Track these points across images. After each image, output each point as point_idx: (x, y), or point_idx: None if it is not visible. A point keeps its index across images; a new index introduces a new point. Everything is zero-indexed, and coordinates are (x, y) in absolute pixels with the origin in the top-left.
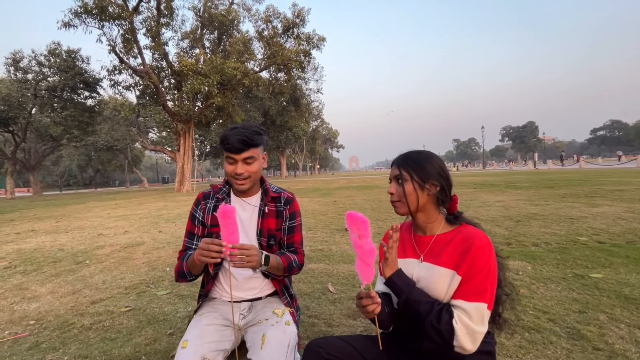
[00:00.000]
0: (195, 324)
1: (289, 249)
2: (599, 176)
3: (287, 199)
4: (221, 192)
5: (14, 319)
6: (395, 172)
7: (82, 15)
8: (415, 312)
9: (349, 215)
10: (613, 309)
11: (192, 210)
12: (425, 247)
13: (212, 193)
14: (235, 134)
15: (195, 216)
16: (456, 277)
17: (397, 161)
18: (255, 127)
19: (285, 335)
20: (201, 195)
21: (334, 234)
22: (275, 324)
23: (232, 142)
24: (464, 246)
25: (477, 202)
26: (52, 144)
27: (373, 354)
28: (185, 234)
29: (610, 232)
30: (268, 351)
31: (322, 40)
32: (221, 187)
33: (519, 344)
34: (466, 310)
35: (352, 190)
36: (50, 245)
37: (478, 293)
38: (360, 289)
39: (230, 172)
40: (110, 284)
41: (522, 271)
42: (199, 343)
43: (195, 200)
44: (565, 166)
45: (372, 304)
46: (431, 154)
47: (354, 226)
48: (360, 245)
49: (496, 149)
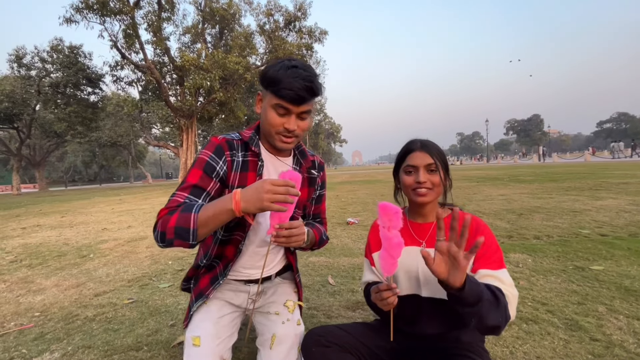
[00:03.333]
0: (205, 315)
1: (315, 219)
2: (604, 169)
3: (319, 165)
4: (254, 143)
5: (19, 310)
6: (428, 160)
7: (84, 10)
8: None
9: (382, 205)
10: (612, 301)
11: (207, 157)
12: (426, 234)
13: (239, 142)
14: (297, 77)
15: (215, 167)
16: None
17: (425, 148)
18: (314, 69)
19: (296, 337)
20: (222, 141)
21: (335, 227)
22: (286, 322)
23: (295, 87)
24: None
25: (480, 196)
26: (56, 140)
27: (372, 339)
28: (186, 187)
29: (613, 225)
30: (277, 352)
31: (324, 34)
32: (251, 136)
33: (516, 335)
34: (500, 278)
35: (354, 185)
36: (56, 240)
37: (498, 261)
38: (360, 282)
39: (277, 125)
40: (113, 277)
41: (522, 264)
42: (216, 342)
43: (211, 146)
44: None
45: (392, 295)
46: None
47: (386, 217)
48: (388, 237)
49: (500, 143)
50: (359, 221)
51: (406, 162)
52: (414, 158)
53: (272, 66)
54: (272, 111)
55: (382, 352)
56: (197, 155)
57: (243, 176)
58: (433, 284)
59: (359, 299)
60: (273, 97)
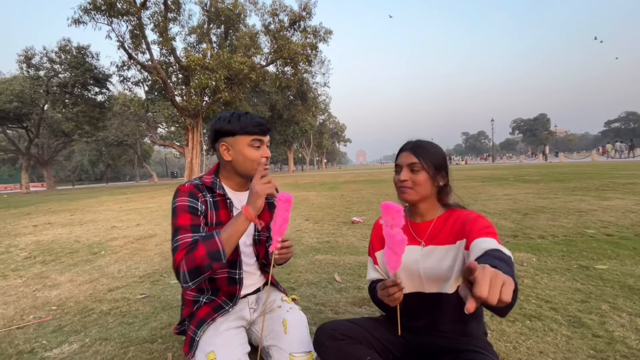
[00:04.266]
0: (212, 332)
1: None
2: (612, 169)
3: (276, 190)
4: (217, 186)
5: (37, 304)
6: (411, 160)
7: (92, 11)
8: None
9: (385, 205)
10: (616, 299)
11: (187, 202)
12: (425, 233)
13: (204, 186)
14: (254, 117)
15: (196, 207)
16: (462, 244)
17: (411, 148)
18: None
19: (303, 320)
20: (191, 187)
21: (340, 226)
22: (290, 310)
23: (260, 122)
24: (460, 221)
25: (485, 196)
26: (64, 139)
27: (382, 333)
28: (183, 230)
29: (619, 225)
30: (293, 335)
31: (329, 33)
32: (212, 181)
33: (519, 331)
34: (491, 243)
35: (359, 184)
36: (67, 237)
37: (491, 233)
38: (366, 279)
39: (257, 158)
40: (125, 273)
41: (526, 262)
42: (230, 349)
43: (183, 193)
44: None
45: (398, 291)
46: (439, 146)
47: (389, 215)
48: (391, 235)
49: (506, 142)
50: (363, 220)
51: (396, 161)
52: (400, 157)
53: (223, 121)
54: (249, 149)
55: (391, 345)
56: (174, 206)
57: (217, 214)
58: (434, 280)
59: (365, 295)
60: (246, 137)
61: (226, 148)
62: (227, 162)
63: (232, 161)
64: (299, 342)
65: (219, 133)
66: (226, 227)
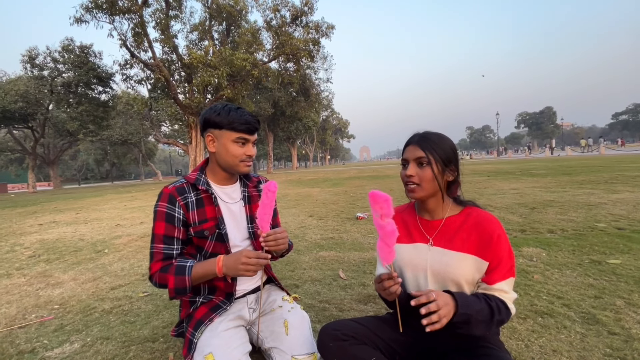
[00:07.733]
0: (210, 334)
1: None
2: (620, 162)
3: (265, 181)
4: (200, 182)
5: (39, 303)
6: (418, 154)
7: (93, 10)
8: (476, 320)
9: (372, 194)
10: (631, 295)
11: (165, 208)
12: (434, 231)
13: (185, 185)
14: (245, 114)
15: (174, 215)
16: (483, 263)
17: (418, 141)
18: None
19: (305, 320)
20: (172, 190)
21: (344, 222)
22: (291, 310)
23: (248, 120)
24: (480, 232)
25: (491, 190)
26: (69, 138)
27: (387, 332)
28: (157, 239)
29: (630, 219)
30: (295, 336)
31: (331, 29)
32: (197, 177)
33: (531, 328)
34: (505, 290)
35: (362, 180)
36: (71, 236)
37: (509, 270)
38: (371, 275)
39: (240, 155)
40: (128, 271)
41: (536, 257)
42: (228, 350)
43: (163, 197)
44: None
45: (394, 284)
46: (447, 137)
47: (377, 205)
48: (382, 226)
49: (511, 136)
50: (368, 216)
51: (402, 155)
52: (406, 151)
53: (213, 112)
54: (233, 145)
55: (397, 345)
56: (155, 209)
57: (201, 212)
58: (441, 279)
59: (370, 292)
60: (232, 133)
61: (212, 139)
62: (212, 154)
63: (215, 153)
64: (301, 344)
65: (207, 123)
66: (198, 269)
